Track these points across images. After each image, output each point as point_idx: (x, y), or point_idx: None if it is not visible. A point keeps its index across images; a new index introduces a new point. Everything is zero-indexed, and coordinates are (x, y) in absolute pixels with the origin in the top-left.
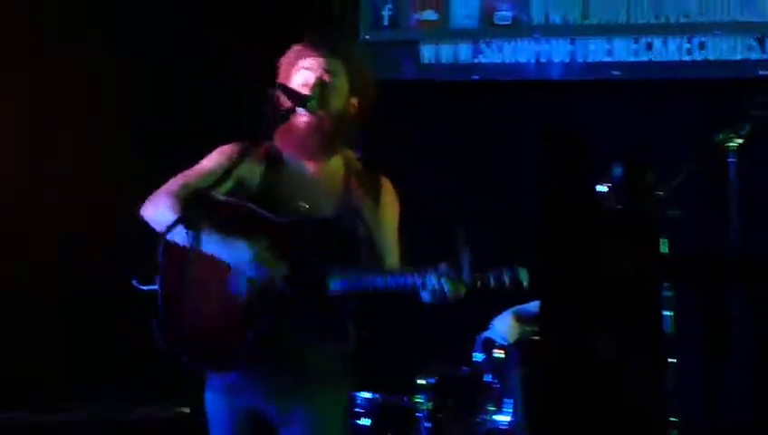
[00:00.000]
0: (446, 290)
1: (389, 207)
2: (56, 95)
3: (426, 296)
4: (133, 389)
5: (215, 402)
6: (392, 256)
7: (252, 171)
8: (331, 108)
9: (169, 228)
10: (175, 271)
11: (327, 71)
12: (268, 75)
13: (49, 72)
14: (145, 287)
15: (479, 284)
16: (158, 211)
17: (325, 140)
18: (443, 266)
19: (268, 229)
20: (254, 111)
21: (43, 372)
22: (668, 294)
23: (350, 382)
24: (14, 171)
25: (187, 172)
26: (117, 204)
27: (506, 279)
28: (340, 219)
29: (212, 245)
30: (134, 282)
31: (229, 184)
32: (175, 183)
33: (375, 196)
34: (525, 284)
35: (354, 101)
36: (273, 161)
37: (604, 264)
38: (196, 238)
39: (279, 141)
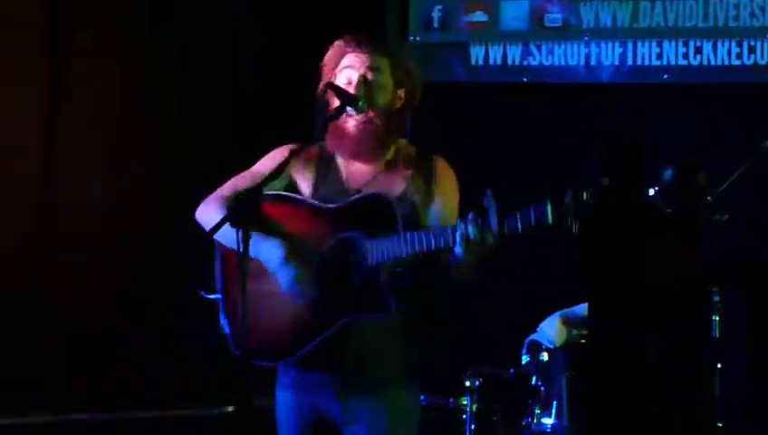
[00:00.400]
0: (473, 235)
1: (443, 187)
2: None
3: (458, 250)
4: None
5: (284, 399)
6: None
7: (304, 173)
8: (378, 105)
9: (216, 227)
10: (233, 277)
11: (370, 67)
12: (318, 78)
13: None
14: (211, 296)
15: (506, 227)
16: (208, 213)
17: (377, 140)
18: (470, 215)
19: (314, 217)
20: (305, 112)
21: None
22: (715, 298)
23: (416, 380)
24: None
25: (239, 175)
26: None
27: (532, 216)
28: (373, 197)
29: (253, 246)
30: (201, 292)
31: (281, 185)
32: (227, 186)
33: (427, 176)
34: (551, 218)
35: (401, 93)
36: (325, 162)
37: (653, 267)
38: (244, 237)
39: (330, 144)
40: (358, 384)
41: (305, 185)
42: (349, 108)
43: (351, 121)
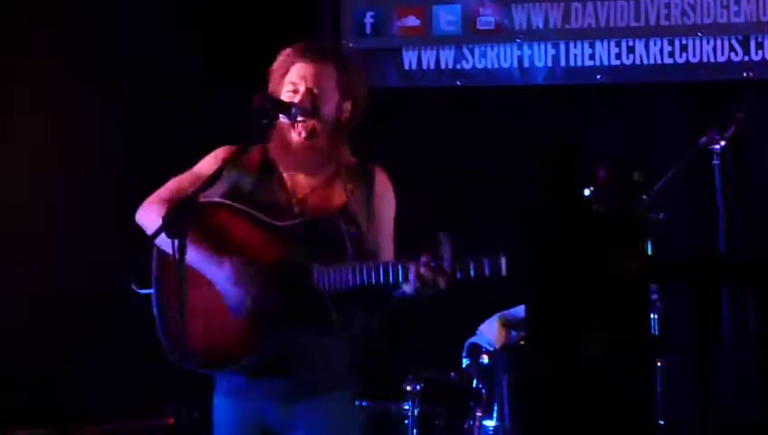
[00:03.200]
0: (426, 277)
1: (382, 198)
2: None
3: (408, 289)
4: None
5: (222, 405)
6: (387, 249)
7: (245, 176)
8: (322, 117)
9: (154, 235)
10: (169, 277)
11: (316, 77)
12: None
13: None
14: (142, 291)
15: (459, 273)
16: (149, 217)
17: (321, 155)
18: (424, 257)
19: (262, 231)
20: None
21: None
22: (654, 296)
23: (357, 381)
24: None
25: (180, 176)
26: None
27: (487, 267)
28: (323, 220)
29: (193, 257)
30: (132, 285)
31: (223, 187)
32: (167, 188)
33: (367, 187)
34: (504, 271)
35: (347, 105)
36: (267, 167)
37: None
38: (180, 246)
39: (274, 152)
40: (300, 389)
41: (246, 188)
42: (282, 116)
43: (295, 135)
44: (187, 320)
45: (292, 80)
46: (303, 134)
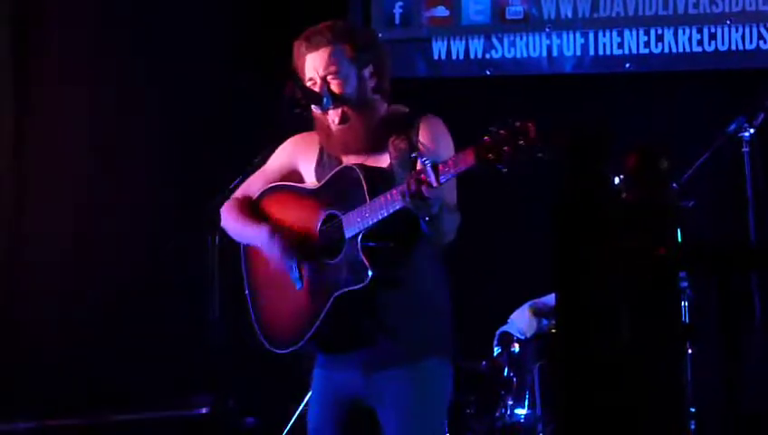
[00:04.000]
0: (412, 188)
1: (429, 144)
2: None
3: (406, 202)
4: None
5: (317, 376)
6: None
7: (306, 162)
8: (348, 98)
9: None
10: (255, 268)
11: (327, 65)
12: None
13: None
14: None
15: (441, 171)
16: (227, 219)
17: (360, 136)
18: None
19: (304, 199)
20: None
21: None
22: (684, 284)
23: (445, 351)
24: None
25: (253, 176)
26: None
27: (461, 163)
28: (340, 172)
29: (252, 236)
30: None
31: (286, 176)
32: (241, 189)
33: (409, 139)
34: (474, 161)
35: (368, 71)
36: (326, 154)
37: (620, 253)
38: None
39: (322, 142)
40: (380, 355)
41: (308, 173)
42: (314, 106)
43: (330, 117)
44: (267, 302)
45: (309, 75)
46: (338, 121)
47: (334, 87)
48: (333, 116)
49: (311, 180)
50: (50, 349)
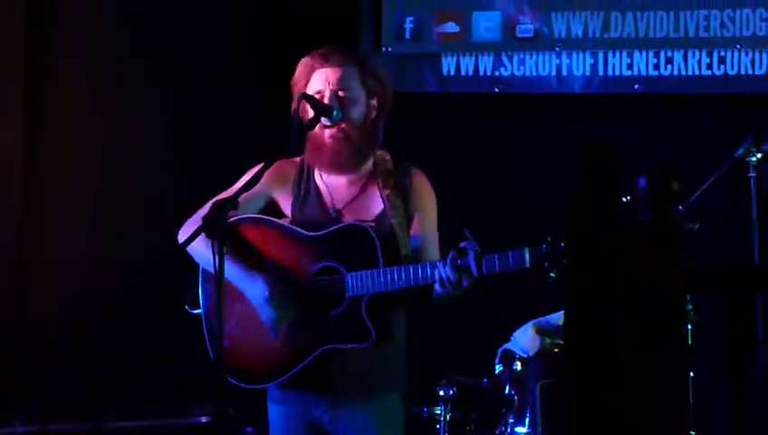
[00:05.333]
0: (451, 276)
1: (422, 199)
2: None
3: (437, 289)
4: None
5: (275, 412)
6: (431, 249)
7: (284, 192)
8: (352, 119)
9: (192, 237)
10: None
11: (340, 82)
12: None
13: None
14: (195, 311)
15: (485, 270)
16: (187, 232)
17: (354, 151)
18: (450, 255)
19: (296, 244)
20: (278, 129)
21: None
22: (688, 306)
23: (403, 383)
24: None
25: (218, 196)
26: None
27: (511, 260)
28: (354, 227)
29: (231, 272)
30: (186, 306)
31: (261, 203)
32: (205, 208)
33: (405, 193)
34: (528, 264)
35: (373, 102)
36: (305, 180)
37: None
38: (219, 247)
39: (309, 157)
40: (345, 395)
41: (285, 204)
42: (323, 118)
43: (327, 136)
44: (231, 334)
45: (317, 87)
46: (336, 136)
47: (343, 103)
48: (333, 131)
49: (287, 211)
50: (54, 353)
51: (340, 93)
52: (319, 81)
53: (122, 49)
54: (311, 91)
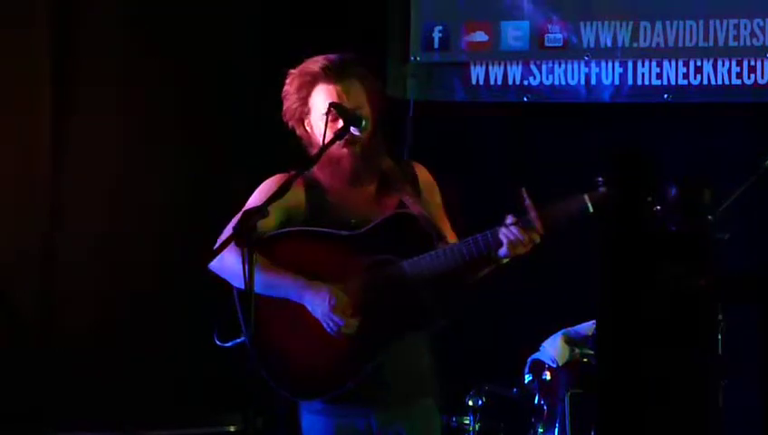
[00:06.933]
0: (520, 237)
1: (429, 190)
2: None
3: (503, 252)
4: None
5: (316, 424)
6: (449, 236)
7: (296, 206)
8: (365, 133)
9: (220, 248)
10: (265, 316)
11: (350, 97)
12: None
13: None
14: (229, 344)
15: (549, 220)
16: (219, 255)
17: (372, 166)
18: (509, 218)
19: (338, 246)
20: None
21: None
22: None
23: (437, 390)
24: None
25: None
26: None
27: (573, 206)
28: (397, 216)
29: (288, 289)
30: (216, 339)
31: (278, 216)
32: (227, 229)
33: (414, 184)
34: (591, 208)
35: (375, 114)
36: (315, 192)
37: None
38: (250, 256)
39: (322, 174)
40: (390, 402)
41: (299, 218)
42: (353, 127)
43: (344, 150)
44: (289, 348)
45: (320, 101)
46: (352, 152)
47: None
48: (345, 144)
49: (299, 222)
50: (79, 358)
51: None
52: (326, 98)
53: (150, 49)
54: (316, 106)
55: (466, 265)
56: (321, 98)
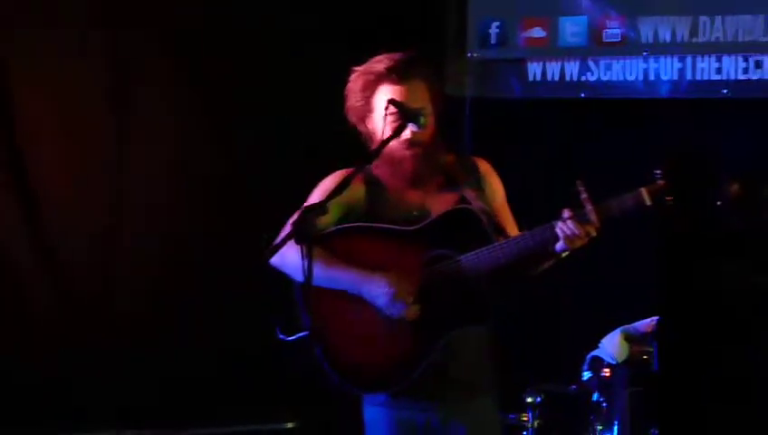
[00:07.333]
0: (576, 231)
1: (492, 185)
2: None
3: (560, 246)
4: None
5: (376, 415)
6: (511, 231)
7: (356, 202)
8: (428, 133)
9: (280, 244)
10: (322, 309)
11: (414, 99)
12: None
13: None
14: (293, 338)
15: (605, 215)
16: (279, 251)
17: (432, 166)
18: (565, 212)
19: (397, 242)
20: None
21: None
22: None
23: (495, 385)
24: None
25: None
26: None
27: (630, 200)
28: (455, 211)
29: (347, 282)
30: (279, 334)
31: (337, 212)
32: (287, 225)
33: (476, 179)
34: (648, 202)
35: (437, 114)
36: (374, 188)
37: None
38: (308, 251)
39: (384, 173)
40: (451, 397)
41: (359, 214)
42: (410, 124)
43: (407, 150)
44: (349, 344)
45: (383, 101)
46: (415, 153)
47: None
48: (408, 143)
49: (360, 217)
50: (139, 356)
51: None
52: (388, 95)
53: (208, 50)
54: (379, 105)
55: (524, 260)
56: (384, 98)
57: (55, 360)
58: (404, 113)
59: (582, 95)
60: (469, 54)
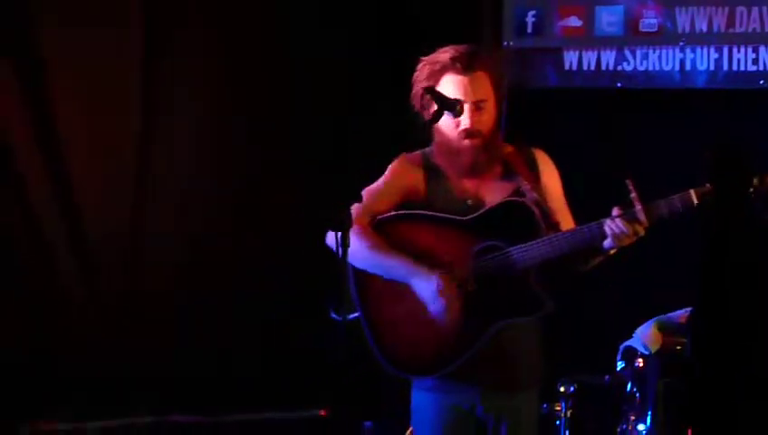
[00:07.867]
0: (624, 229)
1: (549, 176)
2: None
3: (608, 243)
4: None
5: (424, 400)
6: (566, 222)
7: (415, 185)
8: (488, 124)
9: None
10: (373, 292)
11: (478, 91)
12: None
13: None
14: (347, 318)
15: (654, 215)
16: (360, 247)
17: (491, 158)
18: (615, 210)
19: (450, 230)
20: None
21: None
22: None
23: (540, 382)
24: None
25: (370, 195)
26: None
27: (678, 202)
28: (508, 203)
29: (399, 271)
30: (332, 314)
31: (395, 197)
32: (365, 210)
33: (533, 170)
34: (696, 202)
35: (499, 104)
36: (433, 173)
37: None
38: (343, 241)
39: (443, 161)
40: (497, 386)
41: (417, 197)
42: (446, 112)
43: (466, 141)
44: (400, 330)
45: (453, 95)
46: (474, 144)
47: (483, 114)
48: (465, 134)
49: (419, 204)
50: (167, 347)
51: (481, 104)
52: (454, 89)
53: (239, 47)
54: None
55: (572, 255)
56: (448, 88)
57: (97, 349)
58: (440, 102)
59: (619, 85)
60: (505, 43)
